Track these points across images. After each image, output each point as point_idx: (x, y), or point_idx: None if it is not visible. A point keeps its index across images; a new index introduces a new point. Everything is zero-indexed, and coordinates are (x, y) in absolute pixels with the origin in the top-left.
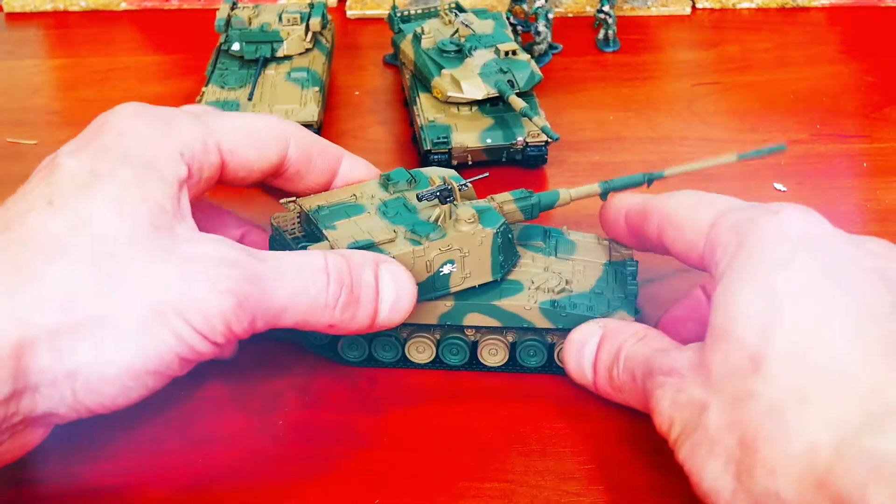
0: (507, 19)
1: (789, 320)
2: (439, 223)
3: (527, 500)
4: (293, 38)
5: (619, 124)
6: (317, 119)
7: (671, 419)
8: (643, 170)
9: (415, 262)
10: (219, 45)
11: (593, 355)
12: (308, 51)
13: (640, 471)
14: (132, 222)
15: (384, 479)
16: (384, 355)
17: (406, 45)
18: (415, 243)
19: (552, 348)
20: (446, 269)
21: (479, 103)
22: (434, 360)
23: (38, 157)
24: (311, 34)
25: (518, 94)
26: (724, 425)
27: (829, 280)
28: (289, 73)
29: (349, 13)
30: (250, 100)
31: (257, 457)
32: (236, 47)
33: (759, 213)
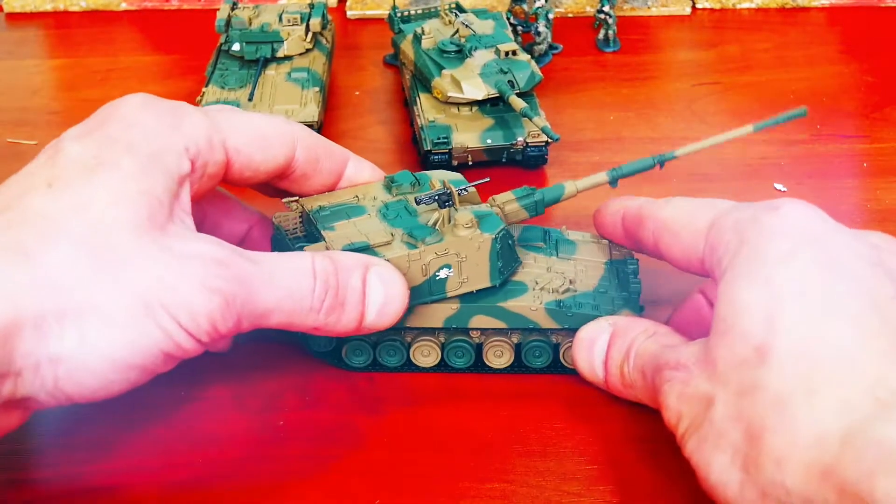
0: (508, 19)
1: (794, 312)
2: (437, 227)
3: (527, 500)
4: (293, 39)
5: (619, 124)
6: (317, 119)
7: (679, 413)
8: None
9: (410, 266)
10: (219, 45)
11: (604, 353)
12: (308, 51)
13: (641, 471)
14: (129, 213)
15: (384, 479)
16: (389, 360)
17: (406, 46)
18: (411, 247)
19: (557, 348)
20: (443, 274)
21: (480, 103)
22: (439, 363)
23: None
24: (311, 34)
25: (518, 95)
26: (731, 418)
27: (832, 272)
28: (289, 74)
29: (349, 13)
30: (250, 100)
31: (257, 457)
32: (236, 47)
33: (760, 209)
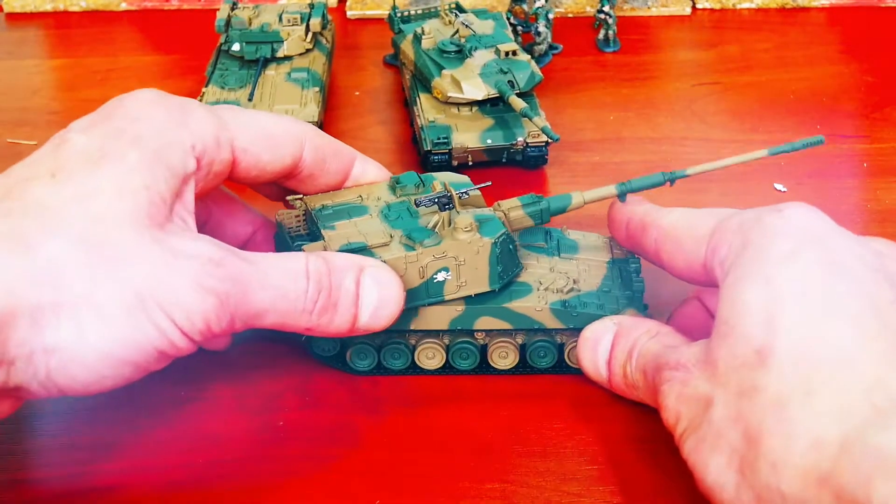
0: (508, 19)
1: (794, 314)
2: (436, 230)
3: (527, 500)
4: (293, 39)
5: (619, 124)
6: (317, 119)
7: (677, 413)
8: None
9: (407, 268)
10: (219, 45)
11: (608, 353)
12: (308, 51)
13: (641, 472)
14: (131, 208)
15: (384, 479)
16: (394, 363)
17: (406, 46)
18: (408, 248)
19: (562, 348)
20: (440, 277)
21: (480, 104)
22: (444, 365)
23: None
24: (311, 34)
25: (518, 95)
26: (729, 419)
27: (834, 275)
28: (289, 74)
29: (349, 13)
30: (250, 100)
31: (257, 457)
32: (236, 48)
33: (763, 212)
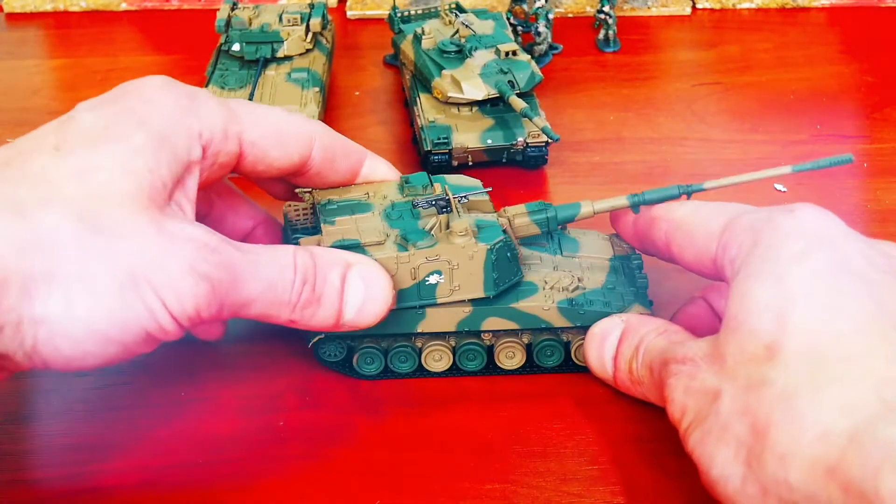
0: (508, 20)
1: (805, 312)
2: (432, 232)
3: (528, 500)
4: (293, 39)
5: (619, 124)
6: (317, 119)
7: (684, 407)
8: (644, 170)
9: (398, 268)
10: (219, 45)
11: (614, 349)
12: (308, 51)
13: (642, 472)
14: (130, 187)
15: (384, 479)
16: (401, 366)
17: (406, 46)
18: (401, 249)
19: (569, 346)
20: (432, 280)
21: (480, 104)
22: (451, 367)
23: None
24: (311, 34)
25: (518, 95)
26: (737, 412)
27: (843, 273)
28: (289, 74)
29: (349, 13)
30: (250, 100)
31: (257, 457)
32: (236, 48)
33: (775, 212)
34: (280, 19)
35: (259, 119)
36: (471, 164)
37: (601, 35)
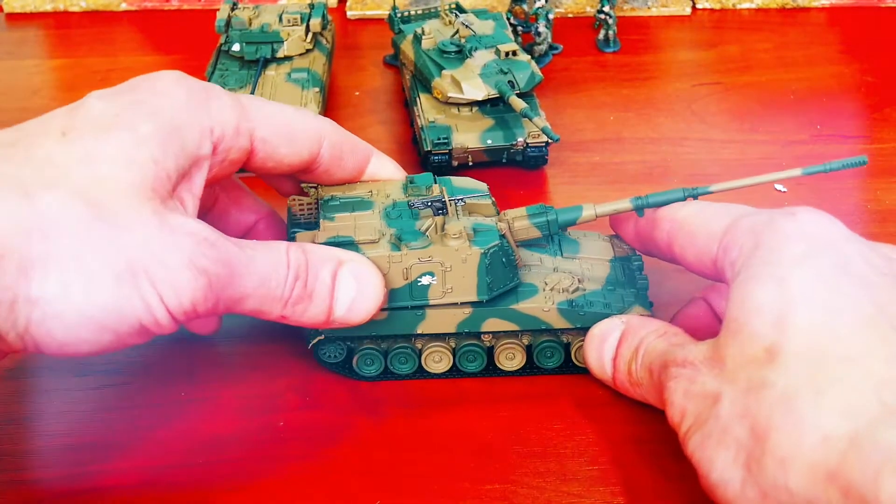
0: (508, 20)
1: (805, 314)
2: (427, 233)
3: (528, 501)
4: (293, 39)
5: (619, 124)
6: None
7: (683, 410)
8: (644, 171)
9: (390, 267)
10: (219, 45)
11: (613, 351)
12: (308, 51)
13: (642, 472)
14: (135, 177)
15: (384, 479)
16: (401, 368)
17: (406, 46)
18: (394, 248)
19: (569, 348)
20: (425, 281)
21: (480, 104)
22: (451, 368)
23: None
24: (311, 35)
25: (518, 95)
26: (737, 415)
27: (844, 276)
28: (289, 74)
29: (349, 14)
30: None
31: (257, 457)
32: (237, 48)
33: (777, 214)
34: (280, 19)
35: (270, 116)
36: (471, 164)
37: (601, 35)
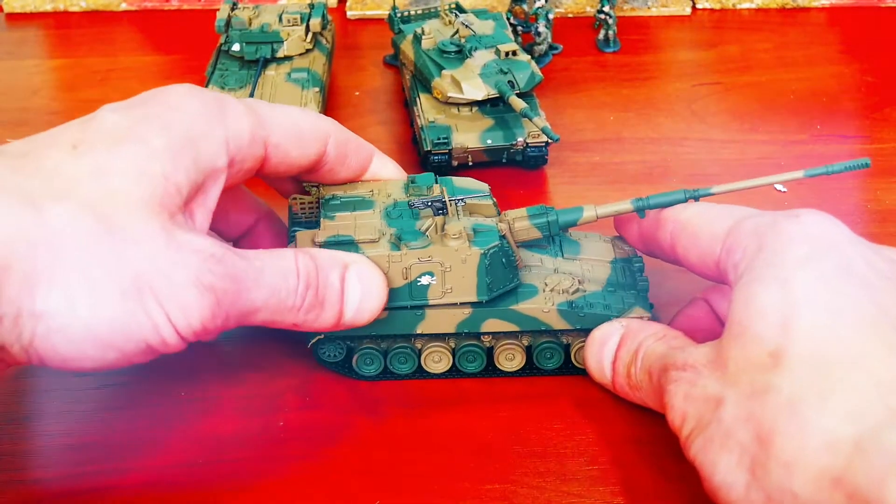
0: (508, 20)
1: (809, 318)
2: (427, 233)
3: (528, 501)
4: (293, 39)
5: (619, 124)
6: None
7: (684, 414)
8: (644, 171)
9: (390, 267)
10: (219, 45)
11: (613, 354)
12: (308, 51)
13: (642, 473)
14: (144, 192)
15: (384, 479)
16: (400, 367)
17: (406, 46)
18: (394, 248)
19: (568, 349)
20: (424, 280)
21: (480, 104)
22: (451, 369)
23: None
24: (311, 35)
25: (518, 95)
26: (740, 419)
27: (847, 279)
28: (289, 74)
29: (349, 14)
30: None
31: (257, 457)
32: (236, 48)
33: (780, 216)
34: (280, 19)
35: (280, 120)
36: (471, 164)
37: (601, 35)
